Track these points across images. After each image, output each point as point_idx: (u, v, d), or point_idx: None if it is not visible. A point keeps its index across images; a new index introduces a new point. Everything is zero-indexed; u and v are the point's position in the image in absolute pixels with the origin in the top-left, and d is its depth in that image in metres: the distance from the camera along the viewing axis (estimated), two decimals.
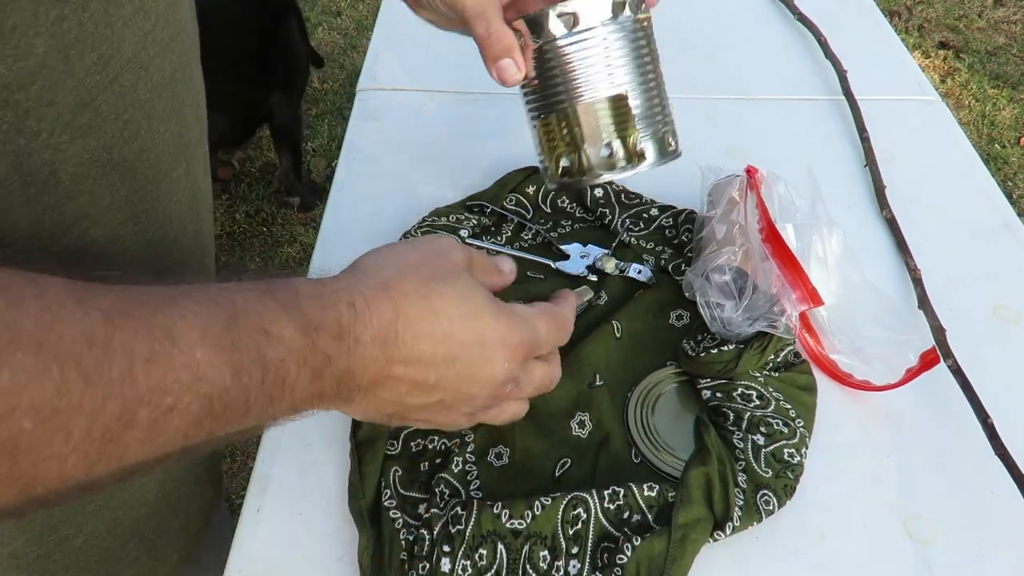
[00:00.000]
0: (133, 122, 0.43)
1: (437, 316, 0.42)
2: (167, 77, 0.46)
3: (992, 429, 0.61)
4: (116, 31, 0.40)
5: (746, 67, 1.04)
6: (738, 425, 0.61)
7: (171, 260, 0.50)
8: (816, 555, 0.57)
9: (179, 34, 0.47)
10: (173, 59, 0.46)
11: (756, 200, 0.73)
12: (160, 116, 0.46)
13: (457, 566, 0.53)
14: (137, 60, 0.42)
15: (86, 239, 0.43)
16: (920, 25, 3.08)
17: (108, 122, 0.41)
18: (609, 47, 0.53)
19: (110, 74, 0.41)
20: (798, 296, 0.65)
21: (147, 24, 0.43)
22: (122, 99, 0.42)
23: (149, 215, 0.47)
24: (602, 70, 0.53)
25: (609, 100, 0.53)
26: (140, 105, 0.44)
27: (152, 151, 0.46)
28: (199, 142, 0.52)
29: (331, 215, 0.83)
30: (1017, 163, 2.53)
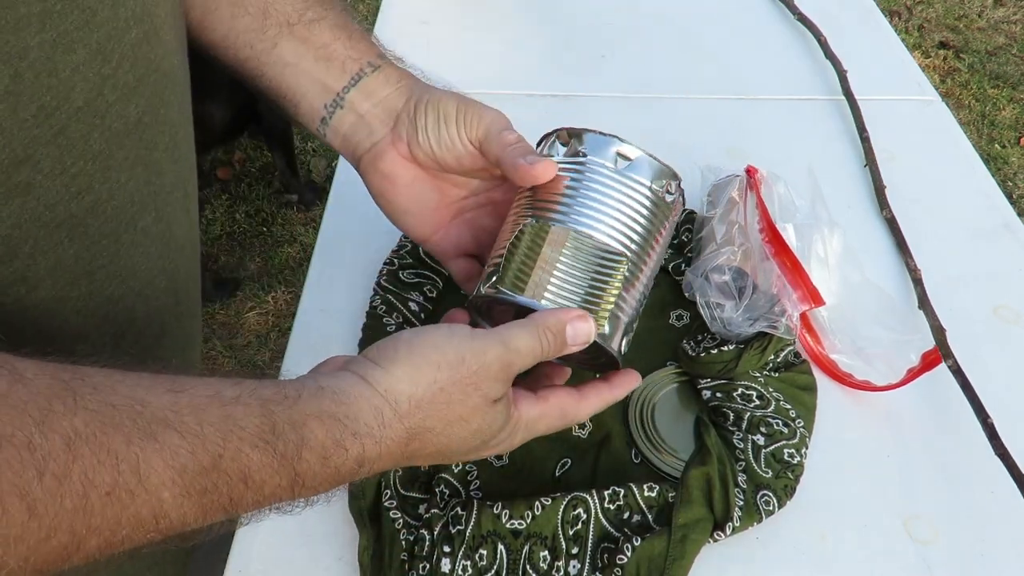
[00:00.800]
0: (84, 175, 0.40)
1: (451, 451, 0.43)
2: (131, 123, 0.42)
3: (992, 429, 0.61)
4: (63, 79, 0.37)
5: (746, 67, 1.04)
6: (738, 425, 0.61)
7: (136, 315, 0.47)
8: (816, 555, 0.57)
9: (151, 74, 0.43)
10: (141, 103, 0.42)
11: (756, 200, 0.73)
12: (120, 166, 0.42)
13: (457, 566, 0.53)
14: (91, 108, 0.39)
15: (26, 302, 0.40)
16: (920, 25, 3.08)
17: (51, 179, 0.38)
18: (639, 211, 0.49)
19: (55, 126, 0.37)
20: (799, 296, 0.65)
21: (106, 68, 0.39)
22: (69, 152, 0.39)
23: (106, 271, 0.43)
24: (619, 223, 0.48)
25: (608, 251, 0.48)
26: (93, 157, 0.40)
27: (109, 204, 0.42)
28: (175, 186, 0.48)
29: (331, 215, 0.83)
30: (1017, 163, 2.53)
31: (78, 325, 0.42)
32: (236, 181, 2.38)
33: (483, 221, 0.56)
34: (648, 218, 0.49)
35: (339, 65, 0.54)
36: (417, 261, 0.73)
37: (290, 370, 0.68)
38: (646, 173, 0.49)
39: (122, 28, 0.40)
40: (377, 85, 0.54)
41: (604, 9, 1.13)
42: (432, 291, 0.72)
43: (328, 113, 0.54)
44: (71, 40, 0.37)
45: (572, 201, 0.48)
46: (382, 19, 1.11)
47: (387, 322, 0.68)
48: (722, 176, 0.78)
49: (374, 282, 0.72)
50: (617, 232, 0.48)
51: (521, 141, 0.50)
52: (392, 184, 0.55)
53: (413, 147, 0.53)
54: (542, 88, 0.98)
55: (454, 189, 0.56)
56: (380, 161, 0.54)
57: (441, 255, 0.58)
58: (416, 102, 0.53)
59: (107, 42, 0.39)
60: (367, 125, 0.54)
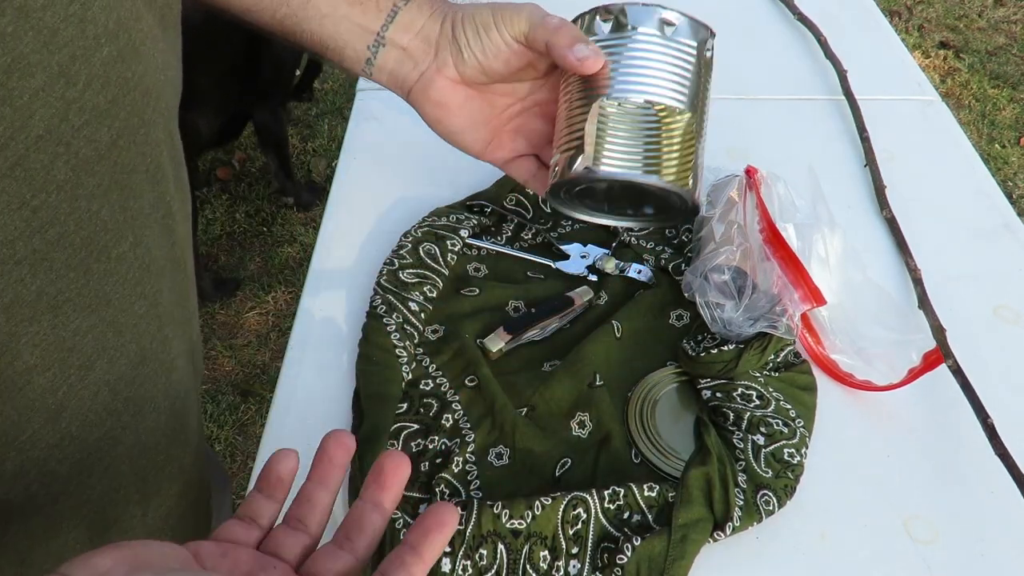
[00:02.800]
0: (47, 207, 0.37)
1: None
2: (103, 148, 0.39)
3: (992, 429, 0.61)
4: (19, 107, 0.34)
5: (746, 67, 1.04)
6: (738, 425, 0.61)
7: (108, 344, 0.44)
8: (816, 555, 0.57)
9: (127, 94, 0.40)
10: (115, 125, 0.40)
11: (756, 200, 0.73)
12: (91, 194, 0.39)
13: (457, 566, 0.53)
14: (54, 135, 0.36)
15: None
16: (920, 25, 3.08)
17: (7, 214, 0.36)
18: (694, 71, 0.51)
19: (10, 157, 0.34)
20: (800, 295, 0.65)
21: (71, 92, 0.36)
22: (28, 184, 0.36)
23: (73, 304, 0.41)
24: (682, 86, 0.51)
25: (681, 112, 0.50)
26: (58, 187, 0.37)
27: (77, 235, 0.39)
28: (156, 206, 0.45)
29: (331, 215, 0.83)
30: (1017, 163, 2.53)
31: (35, 359, 0.40)
32: (236, 181, 2.38)
33: (533, 124, 0.58)
34: (701, 76, 0.52)
35: (373, 5, 0.56)
36: (417, 261, 0.73)
37: (290, 370, 0.68)
38: (691, 35, 0.51)
39: (90, 47, 0.37)
40: (412, 17, 0.56)
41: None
42: (432, 291, 0.72)
43: (372, 54, 0.56)
44: (28, 64, 0.34)
45: (636, 72, 0.51)
46: None
47: (387, 322, 0.68)
48: (721, 176, 0.78)
49: (374, 282, 0.72)
50: (683, 93, 0.51)
51: (566, 25, 0.51)
52: (446, 110, 0.57)
53: (459, 67, 0.55)
54: None
55: (502, 99, 0.57)
56: (430, 90, 0.56)
57: (499, 162, 0.59)
58: (452, 23, 0.54)
59: (71, 63, 0.36)
60: (411, 58, 0.56)
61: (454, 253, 0.75)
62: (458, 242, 0.76)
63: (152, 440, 0.51)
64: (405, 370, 0.65)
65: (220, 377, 1.88)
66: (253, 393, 1.85)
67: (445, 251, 0.75)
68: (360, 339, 0.68)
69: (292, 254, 2.19)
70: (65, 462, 0.44)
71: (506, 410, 0.63)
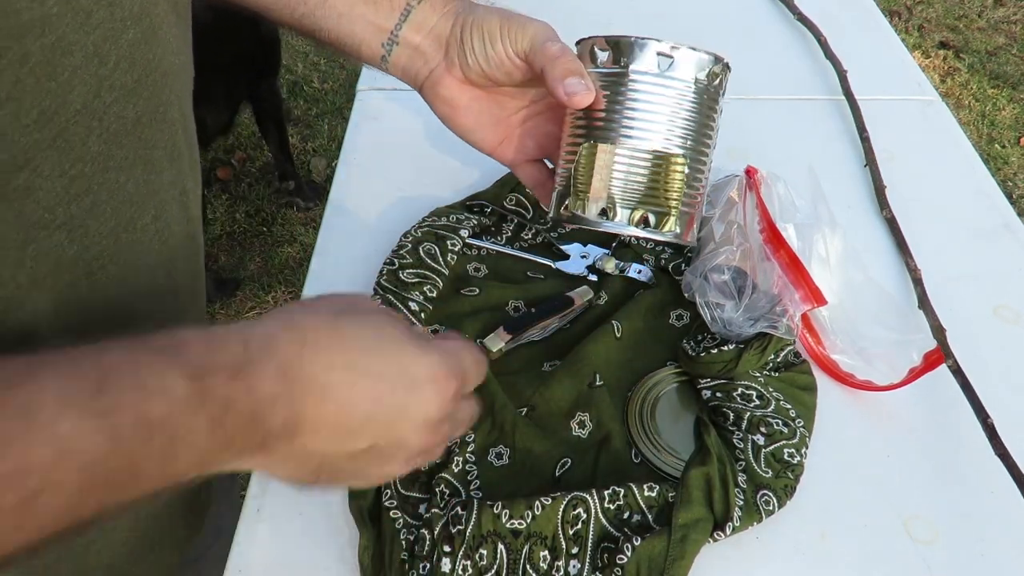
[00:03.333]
0: (83, 177, 0.40)
1: (349, 346, 0.38)
2: (129, 124, 0.42)
3: (992, 429, 0.61)
4: (62, 83, 0.37)
5: (746, 67, 1.04)
6: (738, 425, 0.61)
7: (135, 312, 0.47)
8: (816, 555, 0.57)
9: (150, 74, 0.43)
10: (139, 103, 0.43)
11: (756, 200, 0.73)
12: (119, 167, 0.42)
13: (457, 566, 0.53)
14: (89, 110, 0.39)
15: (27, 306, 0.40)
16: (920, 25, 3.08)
17: (50, 181, 0.38)
18: (691, 108, 0.50)
19: (53, 129, 0.37)
20: (801, 296, 0.65)
21: (103, 70, 0.39)
22: (67, 155, 0.39)
23: (106, 271, 0.44)
24: (670, 124, 0.50)
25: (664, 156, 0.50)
26: (92, 158, 0.40)
27: (108, 204, 0.42)
28: (173, 184, 0.48)
29: (331, 215, 0.83)
30: (1017, 163, 2.53)
31: (80, 326, 0.42)
32: (236, 181, 2.38)
33: (544, 127, 0.58)
34: (698, 110, 0.50)
35: (387, 4, 0.57)
36: (417, 261, 0.73)
37: None
38: (689, 68, 0.50)
39: (119, 29, 0.40)
40: (425, 15, 0.57)
41: (604, 9, 1.13)
42: (432, 291, 0.72)
43: (386, 51, 0.57)
44: (69, 43, 0.37)
45: (621, 115, 0.50)
46: None
47: None
48: (721, 176, 0.78)
49: (374, 282, 0.72)
50: (671, 135, 0.50)
51: (565, 54, 0.51)
52: (453, 108, 0.58)
53: (465, 70, 0.56)
54: None
55: (512, 101, 0.58)
56: (439, 87, 0.57)
57: (508, 163, 0.60)
58: (462, 26, 0.55)
59: (103, 43, 0.39)
60: (422, 55, 0.57)
61: (454, 253, 0.75)
62: (458, 242, 0.76)
63: None
64: None
65: None
66: None
67: (445, 251, 0.75)
68: None
69: (292, 254, 2.19)
70: None
71: (506, 410, 0.63)
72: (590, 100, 0.50)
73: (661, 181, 0.50)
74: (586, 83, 0.50)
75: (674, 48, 0.50)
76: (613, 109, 0.50)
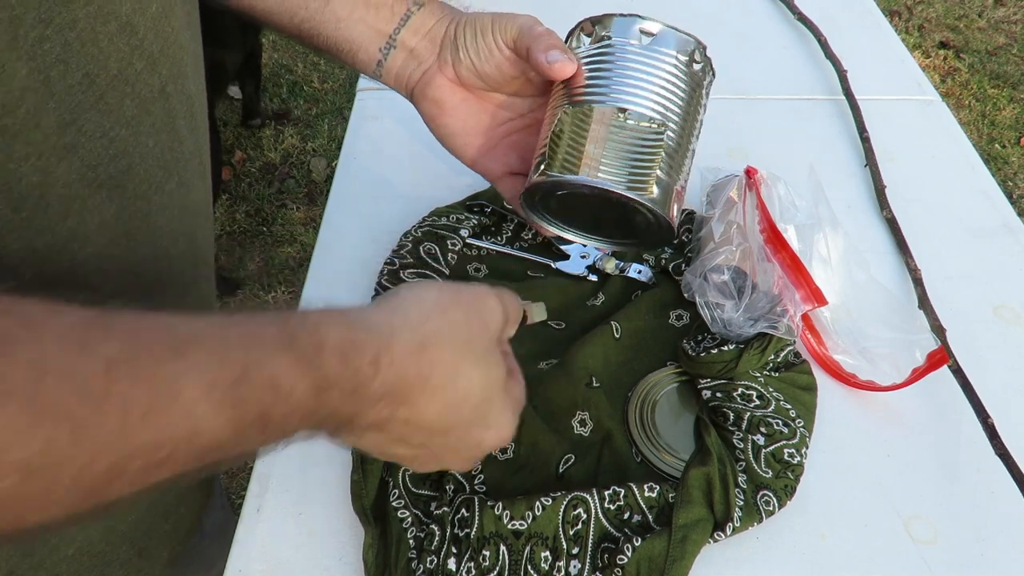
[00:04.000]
0: (119, 139, 0.43)
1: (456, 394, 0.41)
2: (156, 91, 0.45)
3: (992, 429, 0.61)
4: (102, 48, 0.39)
5: (746, 67, 1.04)
6: (738, 425, 0.61)
7: (162, 274, 0.49)
8: (816, 555, 0.57)
9: (171, 46, 0.46)
10: (163, 72, 0.45)
11: (756, 200, 0.73)
12: (148, 131, 0.45)
13: (462, 568, 0.54)
14: (123, 76, 0.42)
15: (77, 259, 0.42)
16: (920, 25, 3.08)
17: (92, 140, 0.41)
18: (671, 81, 0.51)
19: (96, 92, 0.40)
20: (802, 296, 0.65)
21: (134, 39, 0.42)
22: (107, 117, 0.41)
23: (141, 231, 0.46)
24: (654, 94, 0.50)
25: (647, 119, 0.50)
26: (127, 122, 0.43)
27: (141, 167, 0.45)
28: (194, 153, 0.51)
29: (331, 215, 0.83)
30: (1017, 163, 2.53)
31: (117, 285, 0.45)
32: (236, 181, 2.38)
33: (529, 142, 0.58)
34: (678, 86, 0.51)
35: (388, 10, 0.58)
36: (418, 260, 0.73)
37: None
38: (671, 44, 0.51)
39: (145, 2, 0.42)
40: (423, 20, 0.58)
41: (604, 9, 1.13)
42: None
43: (383, 56, 0.58)
44: (106, 12, 0.39)
45: (604, 81, 0.51)
46: None
47: None
48: (721, 176, 0.78)
49: (375, 282, 0.72)
50: (651, 101, 0.50)
51: (549, 34, 0.53)
52: (441, 108, 0.58)
53: (457, 67, 0.56)
54: None
55: (500, 111, 0.59)
56: (429, 88, 0.58)
57: (490, 175, 0.60)
58: (456, 25, 0.56)
59: (133, 15, 0.41)
60: (416, 58, 0.58)
61: (454, 253, 0.75)
62: (458, 242, 0.76)
63: None
64: None
65: None
66: None
67: (445, 251, 0.75)
68: None
69: (292, 254, 2.18)
70: None
71: None
72: (572, 70, 0.51)
73: (644, 146, 0.50)
74: (568, 56, 0.51)
75: (658, 24, 0.51)
76: (598, 76, 0.51)
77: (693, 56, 0.51)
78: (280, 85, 2.74)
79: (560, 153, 0.51)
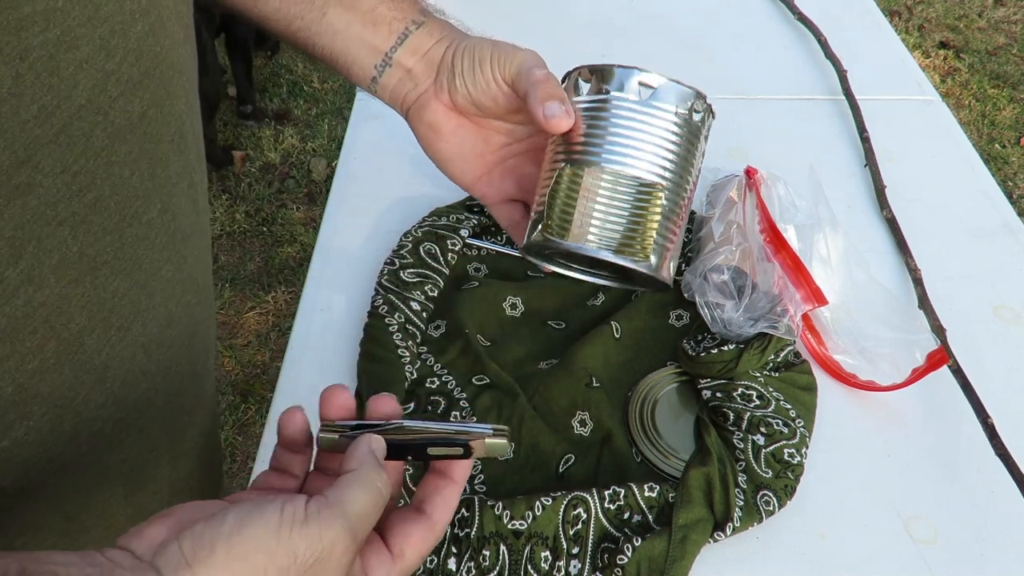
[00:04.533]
0: (85, 173, 0.40)
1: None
2: (135, 118, 0.42)
3: (992, 429, 0.61)
4: (66, 77, 0.37)
5: (746, 67, 1.04)
6: (738, 425, 0.61)
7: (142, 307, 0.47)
8: (816, 555, 0.57)
9: (156, 67, 0.43)
10: (146, 96, 0.42)
11: (756, 201, 0.73)
12: (123, 161, 0.42)
13: (463, 567, 0.54)
14: (94, 105, 0.39)
15: (34, 303, 0.39)
16: (920, 25, 3.08)
17: (52, 177, 0.38)
18: (669, 139, 0.49)
19: (56, 125, 0.37)
20: (802, 296, 0.65)
21: (110, 64, 0.39)
22: (71, 150, 0.38)
23: (110, 266, 0.43)
24: (651, 155, 0.49)
25: (643, 184, 0.49)
26: (95, 154, 0.40)
27: (111, 199, 0.42)
28: (181, 176, 0.48)
29: (331, 215, 0.83)
30: (1017, 163, 2.53)
31: (84, 320, 0.42)
32: (236, 181, 2.38)
33: (526, 168, 0.57)
34: (678, 143, 0.50)
35: (386, 27, 0.57)
36: (418, 260, 0.73)
37: (290, 370, 0.68)
38: (670, 99, 0.50)
39: (127, 22, 0.39)
40: (421, 41, 0.56)
41: (604, 9, 1.13)
42: (433, 290, 0.72)
43: (378, 72, 0.57)
44: (75, 37, 0.36)
45: (601, 140, 0.50)
46: None
47: (389, 322, 0.68)
48: (721, 176, 0.78)
49: (375, 282, 0.72)
50: (649, 164, 0.49)
51: (549, 80, 0.51)
52: (436, 133, 0.57)
53: (452, 94, 0.55)
54: None
55: (497, 136, 0.58)
56: (424, 111, 0.57)
57: (486, 200, 0.60)
58: (454, 51, 0.55)
59: (111, 37, 0.39)
60: (412, 78, 0.57)
61: (454, 253, 0.75)
62: (458, 242, 0.76)
63: (178, 402, 0.53)
64: (409, 369, 0.65)
65: (220, 377, 1.88)
66: (253, 393, 1.85)
67: (445, 251, 0.75)
68: (362, 339, 0.68)
69: (292, 254, 2.19)
70: (109, 422, 0.47)
71: (515, 402, 0.63)
72: (568, 125, 0.50)
73: (640, 210, 0.49)
74: (566, 108, 0.50)
75: (657, 78, 0.49)
76: (595, 134, 0.50)
77: (693, 107, 0.50)
78: (280, 85, 2.74)
79: (556, 213, 0.50)
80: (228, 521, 0.33)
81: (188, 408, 0.55)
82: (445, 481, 0.41)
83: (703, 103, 0.51)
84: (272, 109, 2.64)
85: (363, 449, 0.39)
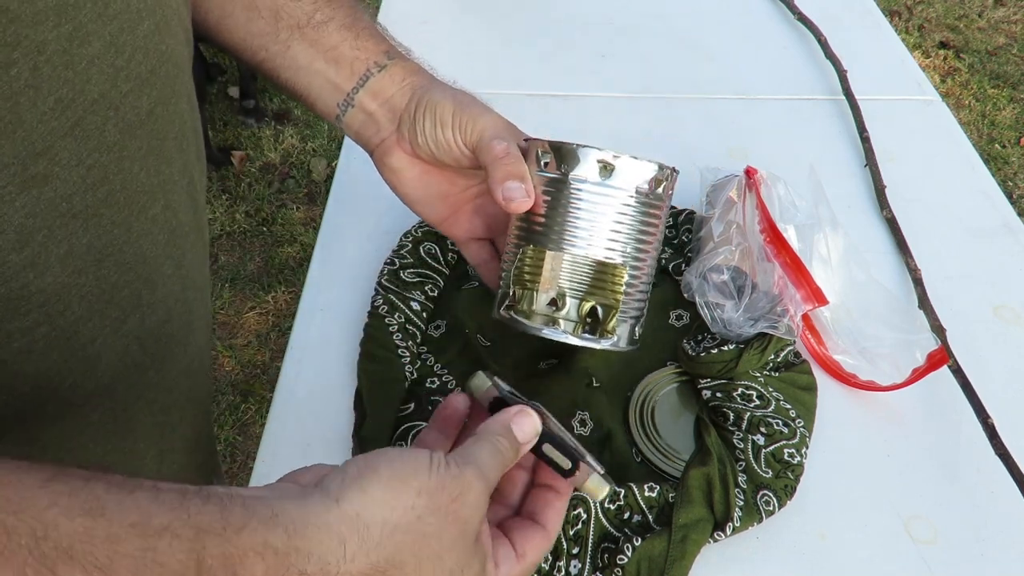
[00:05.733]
0: (99, 166, 0.40)
1: None
2: (143, 114, 0.43)
3: (992, 429, 0.61)
4: (79, 71, 0.37)
5: (746, 67, 1.04)
6: (738, 425, 0.61)
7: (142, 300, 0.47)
8: (816, 555, 0.57)
9: (162, 65, 0.43)
10: (153, 93, 0.43)
11: (756, 200, 0.73)
12: (133, 156, 0.43)
13: None
14: (106, 100, 0.39)
15: (32, 288, 0.40)
16: (920, 25, 3.08)
17: (68, 170, 0.39)
18: (630, 216, 0.49)
19: (71, 118, 0.38)
20: (802, 296, 0.65)
21: (120, 60, 0.40)
22: (86, 144, 0.39)
23: (115, 259, 0.44)
24: (610, 238, 0.49)
25: (602, 264, 0.49)
26: (108, 148, 0.41)
27: (122, 194, 0.43)
28: (182, 174, 0.49)
29: (331, 215, 0.83)
30: (1017, 163, 2.53)
31: (82, 310, 0.43)
32: (236, 181, 2.38)
33: (492, 208, 0.57)
34: (638, 219, 0.50)
35: (347, 66, 0.57)
36: (418, 260, 0.73)
37: (290, 370, 0.68)
38: (629, 178, 0.49)
39: (135, 19, 0.40)
40: (383, 85, 0.57)
41: (604, 9, 1.13)
42: (434, 290, 0.72)
43: (341, 111, 0.58)
44: (86, 32, 0.37)
45: (561, 223, 0.50)
46: (382, 19, 1.11)
47: (389, 322, 0.68)
48: (721, 176, 0.78)
49: (375, 282, 0.72)
50: (609, 243, 0.50)
51: (508, 156, 0.51)
52: (400, 179, 0.58)
53: (415, 146, 0.56)
54: (542, 88, 0.98)
55: (462, 179, 0.58)
56: (388, 157, 0.57)
57: (455, 239, 0.60)
58: (417, 104, 0.55)
59: (120, 34, 0.39)
60: (375, 123, 0.57)
61: (454, 253, 0.75)
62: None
63: (171, 398, 0.53)
64: (408, 369, 0.65)
65: (220, 377, 1.88)
66: (253, 393, 1.85)
67: (445, 251, 0.75)
68: (362, 338, 0.68)
69: (292, 254, 2.18)
70: (97, 410, 0.47)
71: None
72: (527, 207, 0.50)
73: (601, 290, 0.50)
74: (526, 188, 0.50)
75: (615, 157, 0.49)
76: (554, 216, 0.50)
77: (653, 183, 0.50)
78: None
79: (520, 292, 0.51)
80: (388, 454, 0.38)
81: (180, 404, 0.55)
82: (554, 494, 0.45)
83: (668, 172, 0.51)
84: (272, 109, 2.64)
85: (503, 418, 0.43)
